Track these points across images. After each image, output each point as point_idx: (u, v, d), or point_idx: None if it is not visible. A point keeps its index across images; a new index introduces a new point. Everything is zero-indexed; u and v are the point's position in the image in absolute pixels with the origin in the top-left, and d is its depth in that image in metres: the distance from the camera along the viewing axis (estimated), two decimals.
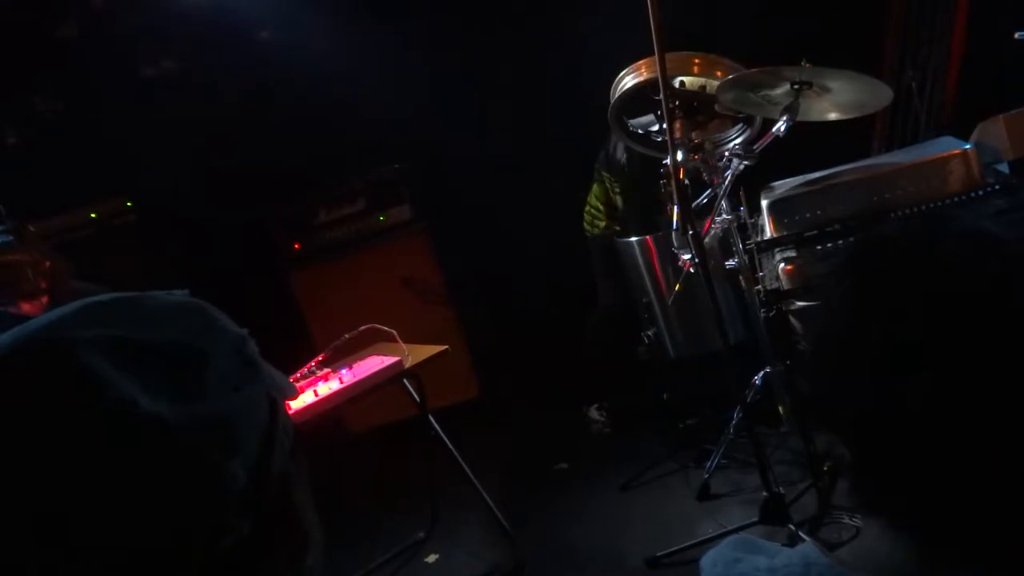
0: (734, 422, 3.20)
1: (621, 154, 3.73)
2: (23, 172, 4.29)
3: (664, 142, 3.00)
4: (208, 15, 4.52)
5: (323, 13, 4.48)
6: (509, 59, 4.57)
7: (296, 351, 3.49)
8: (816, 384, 0.96)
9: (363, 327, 3.17)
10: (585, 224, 4.05)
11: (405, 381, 3.23)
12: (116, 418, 0.55)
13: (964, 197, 2.44)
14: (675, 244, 3.05)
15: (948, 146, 2.60)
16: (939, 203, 2.45)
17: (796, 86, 2.59)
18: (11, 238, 2.88)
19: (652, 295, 3.55)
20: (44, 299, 2.94)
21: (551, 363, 4.60)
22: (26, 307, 2.92)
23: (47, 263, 2.95)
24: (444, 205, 4.69)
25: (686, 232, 2.66)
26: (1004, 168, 2.47)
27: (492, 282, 4.72)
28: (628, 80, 3.05)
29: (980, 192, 2.43)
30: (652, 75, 2.92)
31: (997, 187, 2.41)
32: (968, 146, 2.51)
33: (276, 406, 0.65)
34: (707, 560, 0.98)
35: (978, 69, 3.67)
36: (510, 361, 4.70)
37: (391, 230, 4.64)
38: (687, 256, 2.89)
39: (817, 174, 2.89)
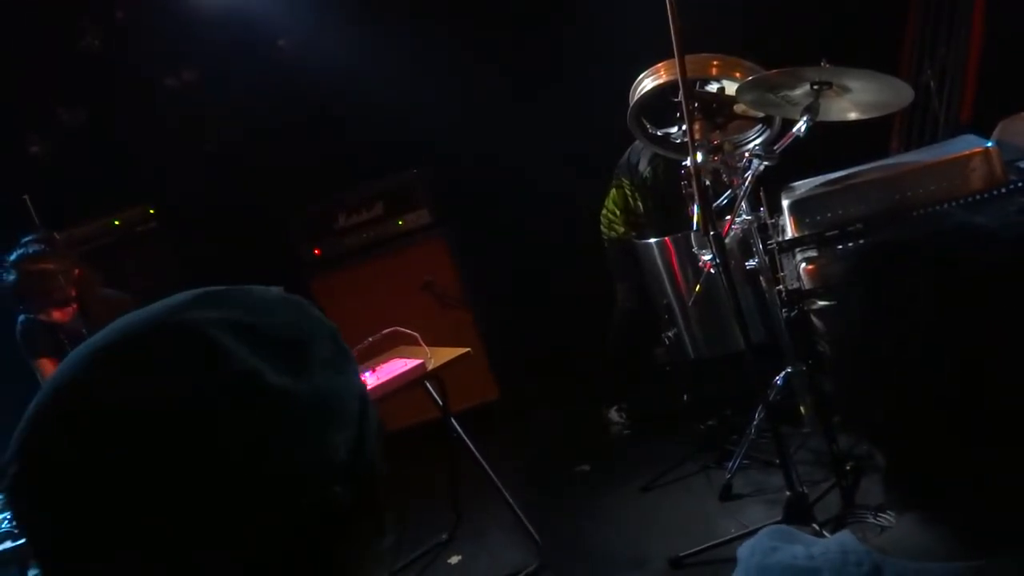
0: (756, 422, 3.20)
1: (644, 167, 3.74)
2: (48, 181, 4.35)
3: (683, 144, 3.02)
4: (228, 23, 4.58)
5: (342, 19, 4.53)
6: (528, 63, 4.60)
7: None
8: (838, 386, 0.97)
9: (387, 330, 3.20)
10: (602, 228, 4.06)
11: (427, 383, 3.25)
12: (247, 387, 0.59)
13: (987, 195, 2.44)
14: (695, 245, 3.07)
15: (970, 144, 2.60)
16: (961, 201, 2.46)
17: (816, 86, 2.60)
18: (43, 247, 2.94)
19: (671, 296, 3.56)
20: (74, 306, 2.99)
21: (570, 365, 4.61)
22: (56, 314, 2.97)
23: (76, 271, 3.01)
24: (462, 209, 4.72)
25: (707, 233, 2.67)
26: None
27: (510, 285, 4.75)
28: (647, 82, 3.07)
29: (1003, 189, 2.43)
30: (671, 77, 2.94)
31: (1020, 184, 2.41)
32: (990, 144, 2.51)
33: (366, 392, 0.69)
34: (744, 549, 1.00)
35: (996, 67, 3.67)
36: (529, 364, 4.72)
37: (410, 234, 4.67)
38: (707, 257, 2.91)
39: (838, 174, 2.89)
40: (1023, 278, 0.81)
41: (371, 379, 3.04)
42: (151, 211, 4.48)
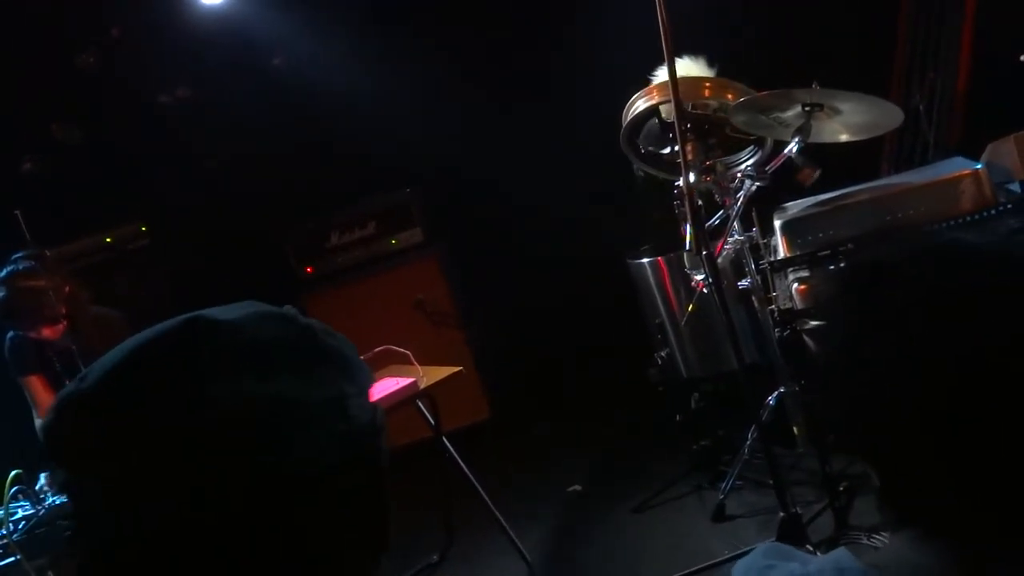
0: (749, 443, 3.19)
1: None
2: (40, 198, 4.34)
3: (676, 164, 3.04)
4: (223, 42, 4.60)
5: (337, 39, 4.56)
6: (521, 81, 4.63)
7: None
8: (830, 403, 0.98)
9: (378, 348, 3.19)
10: None
11: (419, 402, 3.24)
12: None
13: (976, 216, 2.46)
14: (688, 265, 3.08)
15: (959, 166, 2.63)
16: (950, 223, 2.48)
17: (807, 108, 2.63)
18: (33, 263, 2.93)
19: (664, 315, 3.57)
20: (64, 323, 2.97)
21: (562, 384, 4.61)
22: (46, 331, 2.95)
23: (67, 288, 2.99)
24: (455, 228, 4.73)
25: (699, 253, 2.68)
26: (1016, 188, 2.49)
27: (502, 304, 4.74)
28: (640, 103, 3.10)
29: (993, 211, 2.45)
30: (663, 98, 2.97)
31: (1009, 206, 2.43)
32: (979, 166, 2.54)
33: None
34: (739, 569, 1.00)
35: (985, 91, 3.71)
36: (521, 383, 4.71)
37: (402, 253, 4.68)
38: (700, 277, 2.92)
39: (829, 195, 2.92)
40: (1011, 295, 0.81)
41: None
42: (143, 228, 4.47)
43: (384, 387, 3.09)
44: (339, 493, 0.65)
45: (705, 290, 2.96)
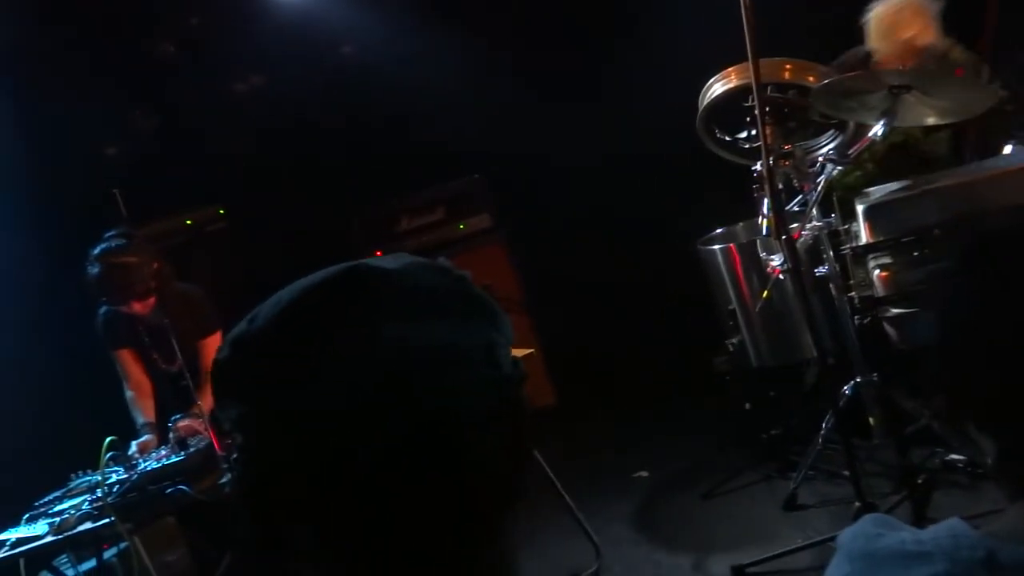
0: (823, 432, 3.15)
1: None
2: (123, 181, 4.51)
3: (754, 149, 3.00)
4: (296, 30, 4.69)
5: (406, 27, 4.61)
6: (593, 65, 4.61)
7: None
8: (944, 372, 0.96)
9: None
10: None
11: None
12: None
13: None
14: (764, 250, 3.04)
15: None
16: None
17: (894, 90, 2.57)
18: (125, 241, 3.04)
19: (736, 303, 3.53)
20: (153, 299, 3.09)
21: (629, 372, 4.59)
22: (137, 306, 3.07)
23: (156, 264, 3.10)
24: (523, 214, 4.75)
25: (779, 237, 2.65)
26: None
27: (569, 291, 4.75)
28: (717, 87, 3.06)
29: None
30: (743, 81, 2.93)
31: None
32: None
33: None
34: (845, 536, 0.99)
35: None
36: (587, 369, 4.71)
37: (470, 238, 4.72)
38: (776, 263, 2.88)
39: (912, 179, 2.85)
40: None
41: None
42: (221, 211, 4.61)
43: None
44: (492, 438, 0.67)
45: (781, 276, 2.92)
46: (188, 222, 4.55)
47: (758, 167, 2.85)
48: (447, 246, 4.71)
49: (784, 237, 2.64)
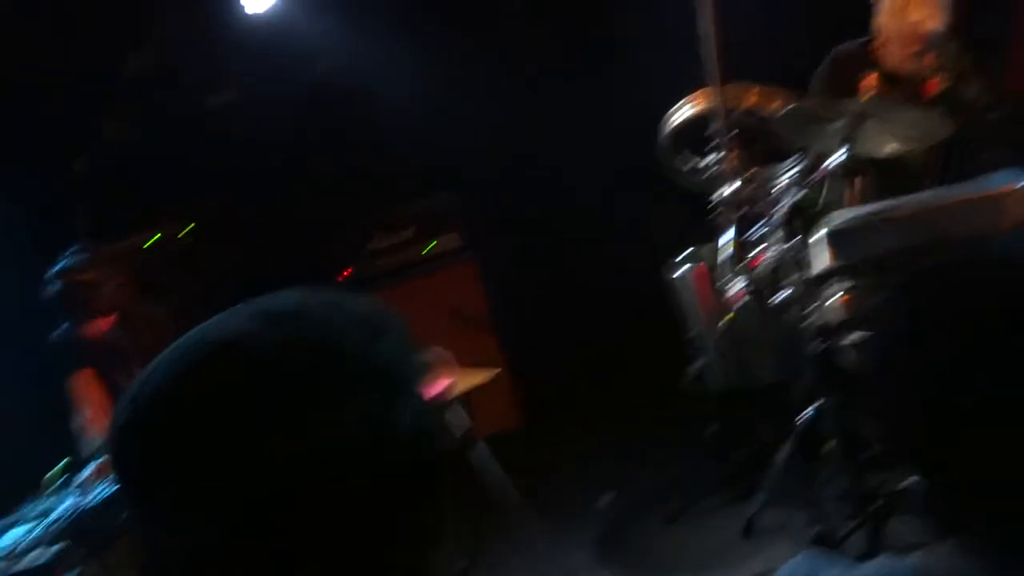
0: (783, 457, 3.15)
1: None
2: (90, 195, 4.46)
3: (718, 174, 3.03)
4: (269, 45, 4.68)
5: (379, 43, 4.61)
6: (567, 83, 4.64)
7: None
8: (879, 411, 0.98)
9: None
10: None
11: (454, 407, 3.24)
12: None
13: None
14: (727, 274, 3.06)
15: (1009, 180, 2.59)
16: (1000, 237, 2.43)
17: (856, 118, 2.60)
18: (85, 257, 3.00)
19: (700, 326, 3.53)
20: (114, 318, 3.04)
21: (598, 393, 4.59)
22: (96, 326, 3.02)
23: (118, 282, 3.06)
24: (494, 234, 4.75)
25: (740, 262, 2.67)
26: None
27: (539, 311, 4.74)
28: (683, 111, 3.09)
29: None
30: (709, 106, 2.96)
31: None
32: None
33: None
34: (783, 573, 0.99)
35: None
36: (555, 391, 4.70)
37: (440, 258, 4.70)
38: (739, 287, 2.90)
39: (876, 205, 2.88)
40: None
41: None
42: (189, 227, 4.56)
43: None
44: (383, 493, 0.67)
45: (744, 301, 2.94)
46: (157, 236, 4.50)
47: (723, 192, 2.88)
48: (416, 265, 4.70)
49: (745, 261, 2.65)
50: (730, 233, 2.70)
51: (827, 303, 2.85)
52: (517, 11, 4.62)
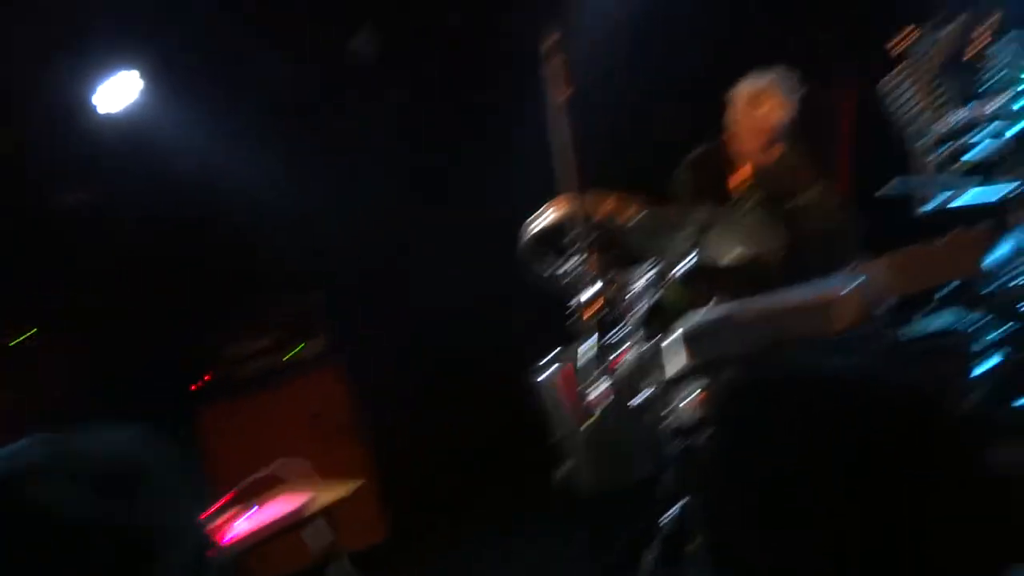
0: (650, 557, 3.15)
1: None
2: None
3: (578, 277, 3.11)
4: (122, 142, 4.53)
5: (238, 137, 4.55)
6: (433, 187, 4.70)
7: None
8: (709, 522, 0.99)
9: (275, 462, 3.07)
10: None
11: (315, 522, 3.08)
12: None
13: (856, 332, 2.60)
14: (589, 376, 3.10)
15: (838, 284, 2.79)
16: (835, 337, 2.60)
17: (699, 226, 2.76)
18: None
19: (566, 428, 3.55)
20: None
21: (467, 500, 4.49)
22: None
23: None
24: (361, 337, 4.66)
25: (601, 364, 2.72)
26: (886, 307, 2.65)
27: (409, 418, 4.65)
28: (543, 217, 3.18)
29: (871, 327, 2.59)
30: (566, 213, 3.06)
31: (884, 323, 2.59)
32: (855, 285, 2.69)
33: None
34: None
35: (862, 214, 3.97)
36: (425, 500, 4.57)
37: (305, 363, 4.56)
38: (601, 388, 2.95)
39: (725, 307, 3.02)
40: (867, 418, 0.86)
41: (254, 519, 2.86)
42: (34, 331, 4.26)
43: (274, 509, 2.93)
44: None
45: (606, 402, 2.98)
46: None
47: (583, 295, 2.95)
48: (280, 371, 4.53)
49: (605, 364, 2.71)
50: (591, 335, 2.76)
51: (684, 403, 2.93)
52: (386, 115, 4.70)
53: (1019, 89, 2.99)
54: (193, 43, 4.33)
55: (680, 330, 2.93)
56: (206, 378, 4.51)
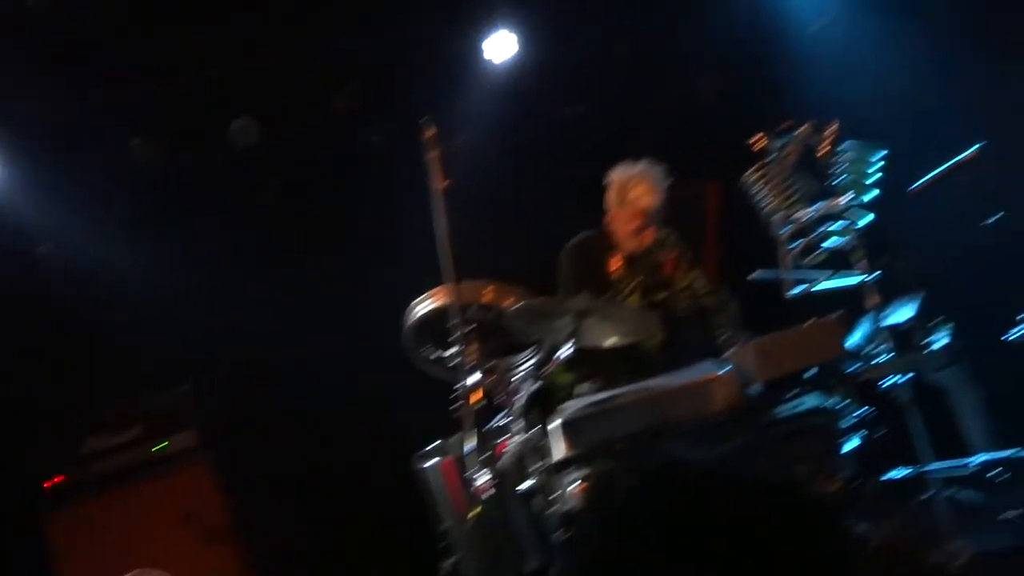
0: None
1: None
2: None
3: (458, 366, 3.09)
4: None
5: (105, 226, 4.36)
6: (311, 275, 4.61)
7: None
8: None
9: (132, 572, 2.86)
10: None
11: None
12: None
13: (727, 415, 2.68)
14: (472, 467, 3.05)
15: (711, 369, 2.88)
16: (707, 421, 2.68)
17: (577, 313, 2.81)
18: None
19: (450, 521, 3.46)
20: None
21: None
22: None
23: None
24: (233, 431, 4.45)
25: (482, 455, 2.68)
26: (757, 389, 2.76)
27: (284, 515, 4.42)
28: (424, 305, 3.17)
29: (740, 411, 2.68)
30: (447, 301, 3.05)
31: (753, 407, 2.69)
32: (727, 369, 2.79)
33: None
34: None
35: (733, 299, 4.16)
36: None
37: (172, 459, 4.30)
38: (483, 479, 2.90)
39: (604, 394, 3.06)
40: (721, 505, 0.88)
41: None
42: None
43: None
44: None
45: (490, 492, 2.93)
46: None
47: (465, 383, 2.93)
48: (144, 468, 4.24)
49: (487, 454, 2.67)
50: (474, 423, 2.73)
51: (569, 490, 2.92)
52: (259, 201, 4.62)
53: (863, 188, 3.26)
54: (54, 127, 4.18)
55: (559, 419, 2.94)
56: (57, 479, 4.16)
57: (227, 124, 4.47)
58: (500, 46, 4.67)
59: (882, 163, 3.26)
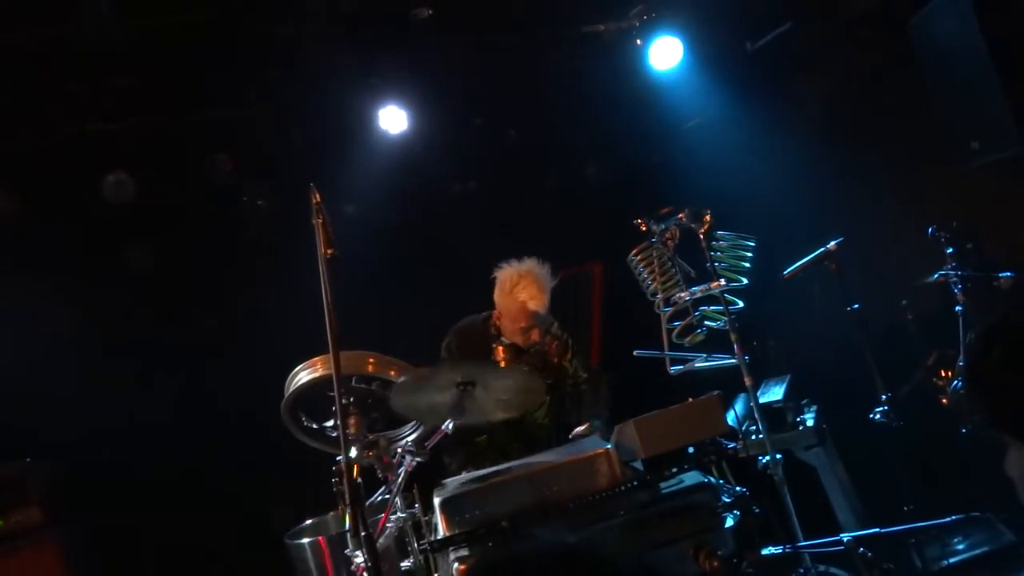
0: None
1: None
2: None
3: (338, 438, 2.97)
4: None
5: None
6: (179, 348, 4.39)
7: None
8: None
9: None
10: None
11: None
12: None
13: (609, 492, 2.67)
14: (349, 546, 2.91)
15: (594, 445, 2.89)
16: (590, 498, 2.66)
17: (461, 386, 2.77)
18: None
19: None
20: None
21: None
22: None
23: None
24: (82, 507, 4.11)
25: (358, 533, 2.56)
26: (639, 465, 2.78)
27: None
28: (302, 375, 3.05)
29: (623, 487, 2.68)
30: (326, 372, 2.95)
31: (635, 483, 2.69)
32: (609, 446, 2.81)
33: None
34: None
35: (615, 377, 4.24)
36: None
37: (15, 537, 3.94)
38: (360, 559, 2.77)
39: (484, 471, 3.01)
40: None
41: None
42: None
43: None
44: None
45: (366, 574, 2.80)
46: None
47: (344, 458, 2.80)
48: None
49: (364, 533, 2.55)
50: (350, 500, 2.60)
51: (451, 570, 2.82)
52: (131, 262, 4.40)
53: (737, 273, 3.43)
54: None
55: (437, 498, 2.86)
56: None
57: (101, 180, 4.27)
58: (393, 118, 4.73)
59: (752, 252, 3.45)
